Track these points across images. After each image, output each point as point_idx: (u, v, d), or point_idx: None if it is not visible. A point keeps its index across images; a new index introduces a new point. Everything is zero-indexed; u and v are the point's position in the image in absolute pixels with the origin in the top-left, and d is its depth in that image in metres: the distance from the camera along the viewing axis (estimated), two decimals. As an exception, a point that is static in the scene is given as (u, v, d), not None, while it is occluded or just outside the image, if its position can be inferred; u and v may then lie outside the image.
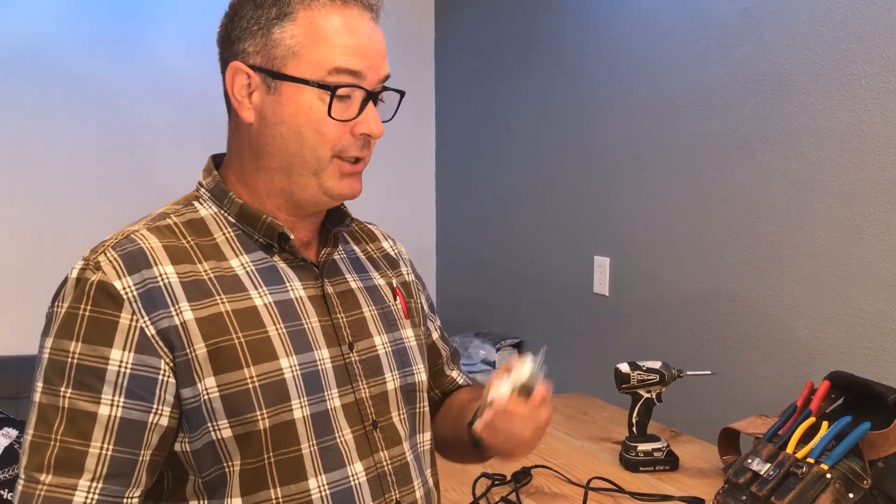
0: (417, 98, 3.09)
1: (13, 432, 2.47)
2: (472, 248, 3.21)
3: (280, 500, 0.99)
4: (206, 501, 1.00)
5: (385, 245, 1.27)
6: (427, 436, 1.18)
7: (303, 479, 1.00)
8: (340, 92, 1.00)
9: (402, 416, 1.12)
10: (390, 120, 1.09)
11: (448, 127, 3.42)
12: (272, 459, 0.98)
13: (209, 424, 0.96)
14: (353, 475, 1.03)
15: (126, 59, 2.97)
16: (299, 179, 1.03)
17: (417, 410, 1.16)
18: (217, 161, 1.12)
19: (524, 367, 1.02)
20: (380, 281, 1.19)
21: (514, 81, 2.91)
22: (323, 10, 1.00)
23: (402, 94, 1.09)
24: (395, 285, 1.21)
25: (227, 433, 0.96)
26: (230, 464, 0.98)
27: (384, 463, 1.07)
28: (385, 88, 1.06)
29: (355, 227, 1.24)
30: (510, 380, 1.03)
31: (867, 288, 1.70)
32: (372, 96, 1.02)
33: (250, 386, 0.97)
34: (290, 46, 1.00)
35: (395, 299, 1.19)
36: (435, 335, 1.32)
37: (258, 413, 0.97)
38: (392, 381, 1.11)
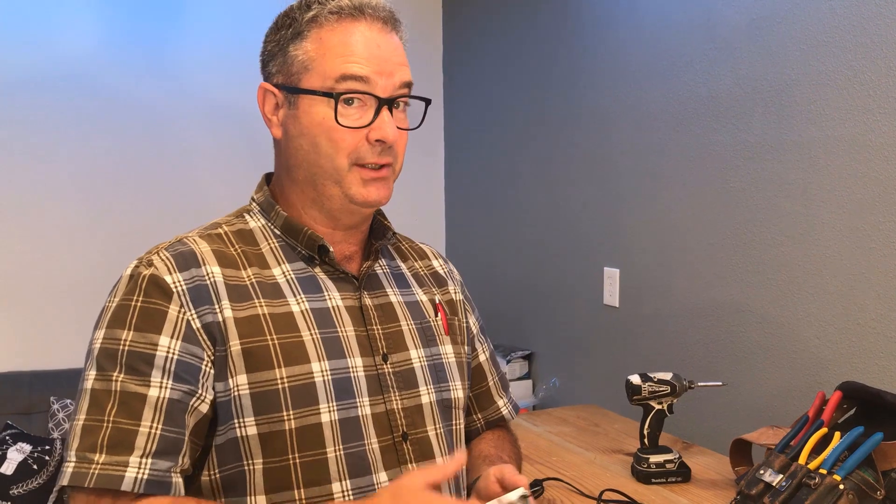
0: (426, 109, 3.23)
1: (27, 447, 2.48)
2: (481, 260, 3.22)
3: (304, 501, 1.01)
4: (221, 499, 1.02)
5: (435, 263, 1.30)
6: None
7: (326, 483, 1.02)
8: (350, 98, 1.04)
9: (438, 432, 1.13)
10: (417, 128, 1.13)
11: (457, 137, 3.43)
12: (297, 460, 1.01)
13: (235, 420, 1.00)
14: (378, 484, 1.05)
15: (164, 77, 3.03)
16: (324, 189, 1.08)
17: (454, 428, 1.17)
18: (268, 179, 1.18)
19: (514, 496, 1.00)
20: (422, 297, 1.21)
21: (522, 93, 2.92)
22: (331, 24, 1.05)
23: (427, 101, 1.13)
24: (437, 301, 1.23)
25: (251, 430, 1.00)
26: (250, 462, 1.00)
27: None
28: (404, 96, 1.08)
29: (405, 246, 1.28)
30: (497, 501, 1.01)
31: (877, 297, 1.70)
32: (386, 103, 1.05)
33: (279, 386, 1.01)
34: (303, 61, 1.06)
35: (436, 315, 1.21)
36: (482, 357, 1.33)
37: (285, 413, 1.00)
38: (427, 395, 1.13)
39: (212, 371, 1.00)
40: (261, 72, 1.13)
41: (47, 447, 2.50)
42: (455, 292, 1.29)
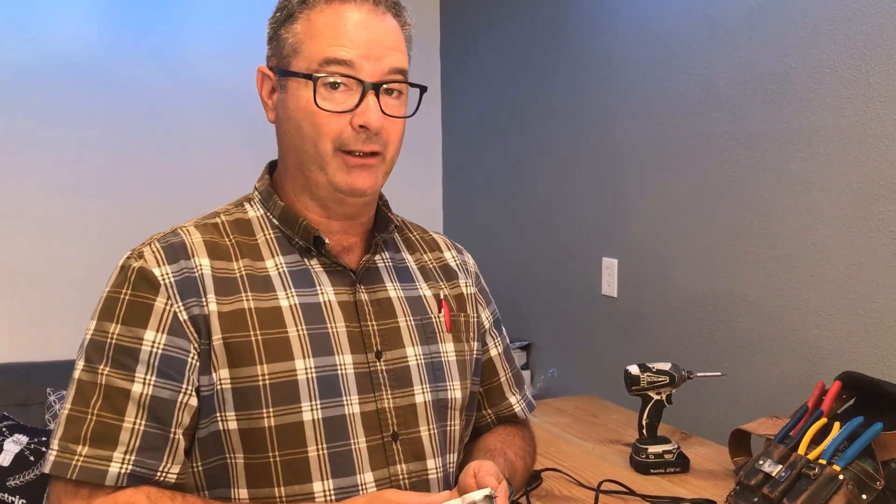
0: (423, 98, 3.25)
1: (23, 439, 2.47)
2: (479, 250, 3.19)
3: (284, 499, 1.00)
4: (205, 492, 1.02)
5: (447, 255, 1.26)
6: (454, 457, 1.15)
7: (307, 482, 1.00)
8: (331, 80, 1.01)
9: (432, 432, 1.10)
10: (412, 115, 1.10)
11: (454, 126, 3.42)
12: (278, 458, 1.00)
13: (218, 414, 0.99)
14: (361, 484, 1.02)
15: (163, 64, 3.01)
16: (310, 175, 1.06)
17: (448, 428, 1.13)
18: (273, 167, 1.16)
19: (478, 496, 0.96)
20: (426, 292, 1.17)
21: (521, 82, 2.91)
22: (321, 7, 1.04)
23: (422, 89, 1.10)
24: (442, 297, 1.19)
25: (232, 425, 0.99)
26: (232, 456, 1.00)
27: (400, 476, 1.06)
28: (394, 82, 1.05)
29: (416, 237, 1.24)
30: (461, 499, 0.97)
31: (877, 287, 1.69)
32: (372, 88, 1.02)
33: (260, 383, 0.99)
34: (292, 44, 1.04)
35: (439, 311, 1.17)
36: (494, 352, 1.29)
37: (264, 411, 0.99)
38: (422, 395, 1.10)
39: (197, 364, 0.99)
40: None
41: (44, 439, 2.50)
42: (466, 285, 1.24)
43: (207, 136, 3.08)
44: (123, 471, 0.94)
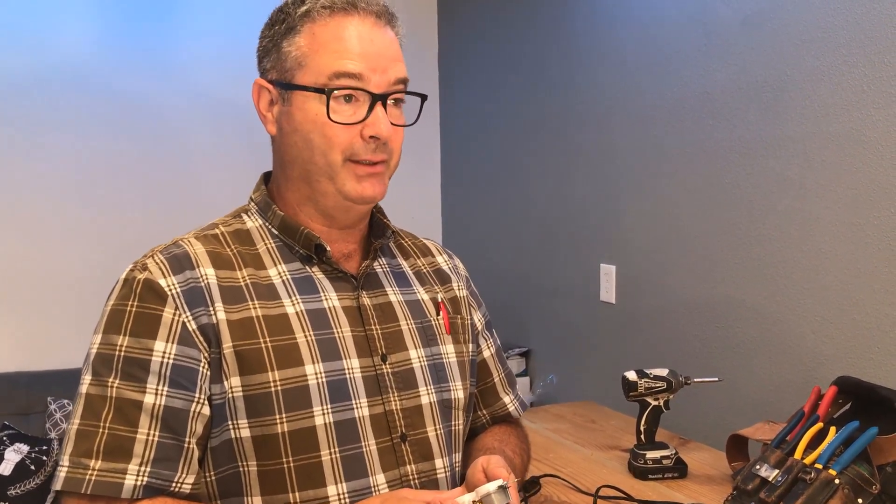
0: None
1: (24, 448, 2.48)
2: (477, 257, 3.21)
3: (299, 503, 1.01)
4: (218, 501, 1.02)
5: (439, 260, 1.28)
6: (459, 456, 1.18)
7: (321, 486, 1.01)
8: (344, 94, 1.03)
9: (438, 432, 1.12)
10: (413, 124, 1.11)
11: (453, 134, 3.43)
12: (291, 464, 1.00)
13: (230, 422, 1.00)
14: (374, 486, 1.04)
15: (163, 75, 3.03)
16: (318, 185, 1.07)
17: (453, 428, 1.16)
18: (267, 178, 1.17)
19: (492, 487, 0.97)
20: (423, 296, 1.20)
21: (518, 89, 2.92)
22: (324, 19, 1.04)
23: (423, 97, 1.11)
24: (439, 300, 1.21)
25: (245, 433, 0.99)
26: (245, 464, 1.00)
27: (410, 476, 1.07)
28: (399, 92, 1.07)
29: (408, 243, 1.26)
30: (475, 493, 0.98)
31: (873, 292, 1.70)
32: (380, 99, 1.04)
33: (272, 389, 1.00)
34: (296, 57, 1.05)
35: (437, 314, 1.19)
36: (487, 353, 1.31)
37: (277, 417, 1.00)
38: (427, 396, 1.12)
39: (208, 373, 0.99)
40: (257, 68, 1.12)
41: (44, 448, 2.50)
42: (459, 288, 1.27)
43: (206, 146, 3.09)
44: (139, 483, 0.94)
